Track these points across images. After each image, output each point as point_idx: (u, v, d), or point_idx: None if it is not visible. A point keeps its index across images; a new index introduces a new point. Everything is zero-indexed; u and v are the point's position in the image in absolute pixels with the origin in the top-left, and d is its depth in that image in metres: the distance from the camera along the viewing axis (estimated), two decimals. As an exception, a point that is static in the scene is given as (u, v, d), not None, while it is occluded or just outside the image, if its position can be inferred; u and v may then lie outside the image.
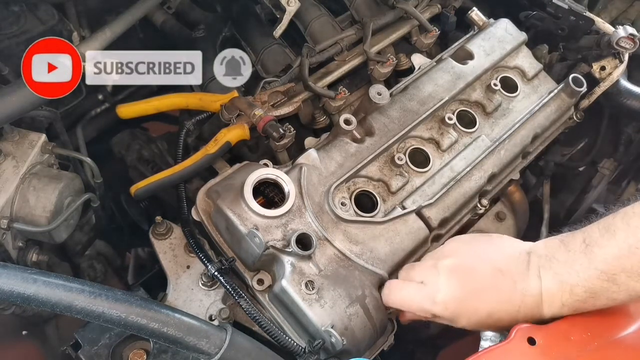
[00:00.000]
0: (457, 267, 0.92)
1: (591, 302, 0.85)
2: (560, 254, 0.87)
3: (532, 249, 0.91)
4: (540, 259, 0.89)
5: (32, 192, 1.05)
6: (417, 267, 0.98)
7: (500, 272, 0.89)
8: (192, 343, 0.81)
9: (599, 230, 0.85)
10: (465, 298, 0.90)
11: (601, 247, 0.83)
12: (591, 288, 0.83)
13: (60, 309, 0.77)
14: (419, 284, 0.94)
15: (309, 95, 1.20)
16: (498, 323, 0.89)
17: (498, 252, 0.93)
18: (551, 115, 1.28)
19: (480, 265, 0.91)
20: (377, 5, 1.35)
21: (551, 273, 0.87)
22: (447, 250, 0.97)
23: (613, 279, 0.82)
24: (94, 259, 1.36)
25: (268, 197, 1.03)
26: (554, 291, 0.86)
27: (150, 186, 1.08)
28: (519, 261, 0.90)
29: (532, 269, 0.89)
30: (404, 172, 1.12)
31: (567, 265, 0.85)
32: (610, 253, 0.82)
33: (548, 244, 0.91)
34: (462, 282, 0.90)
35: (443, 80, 1.23)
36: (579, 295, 0.84)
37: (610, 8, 1.63)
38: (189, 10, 1.47)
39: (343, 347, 0.92)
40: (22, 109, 1.01)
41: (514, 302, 0.88)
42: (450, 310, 0.90)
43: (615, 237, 0.82)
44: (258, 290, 1.00)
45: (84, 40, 1.21)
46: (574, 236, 0.88)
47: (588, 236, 0.85)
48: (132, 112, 1.18)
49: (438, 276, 0.92)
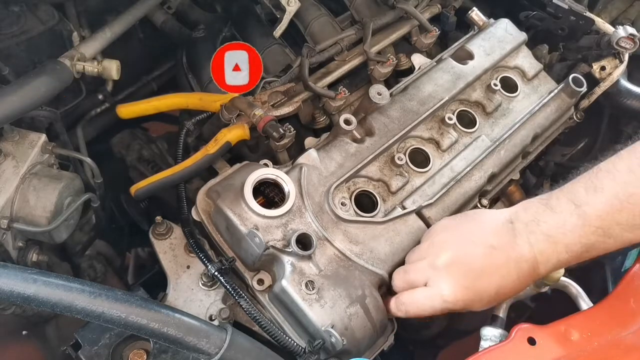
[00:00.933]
0: (454, 260, 0.93)
1: (586, 255, 0.91)
2: (547, 216, 0.91)
3: (513, 216, 0.94)
4: (526, 226, 0.92)
5: (32, 192, 1.05)
6: (413, 269, 0.98)
7: (492, 248, 0.92)
8: (192, 343, 0.81)
9: (586, 190, 0.89)
10: (471, 285, 0.91)
11: (592, 205, 0.88)
12: (587, 244, 0.89)
13: (60, 309, 0.78)
14: (423, 287, 0.94)
15: (309, 95, 1.20)
16: (506, 296, 0.95)
17: (484, 229, 0.95)
18: (551, 115, 1.28)
19: (473, 249, 0.93)
20: (377, 5, 1.35)
21: (542, 237, 0.90)
22: (437, 244, 0.97)
23: (608, 233, 0.87)
24: (94, 259, 1.36)
25: (268, 197, 1.03)
26: (549, 252, 0.90)
27: (150, 186, 1.08)
28: (504, 232, 0.93)
29: (519, 236, 0.91)
30: (404, 172, 1.12)
31: (558, 227, 0.89)
32: (603, 210, 0.87)
33: (529, 209, 0.94)
34: (463, 273, 0.92)
35: (443, 80, 1.23)
36: (575, 251, 0.89)
37: (610, 8, 1.63)
38: (189, 10, 1.47)
39: (343, 347, 0.92)
40: (22, 109, 1.01)
41: (511, 272, 0.91)
42: (462, 301, 0.92)
43: (604, 194, 0.87)
44: (258, 290, 1.00)
45: (84, 40, 1.22)
46: (557, 198, 0.92)
47: (574, 197, 0.90)
48: (132, 112, 1.18)
49: (440, 275, 0.93)
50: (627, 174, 0.87)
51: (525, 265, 0.91)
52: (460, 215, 1.04)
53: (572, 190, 0.91)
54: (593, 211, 0.87)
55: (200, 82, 1.26)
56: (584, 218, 0.88)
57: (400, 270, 1.01)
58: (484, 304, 0.94)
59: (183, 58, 1.32)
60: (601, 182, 0.89)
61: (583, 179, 0.91)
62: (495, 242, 0.92)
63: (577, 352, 0.86)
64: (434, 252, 0.96)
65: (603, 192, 0.88)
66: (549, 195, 0.94)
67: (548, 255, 0.90)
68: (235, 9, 1.39)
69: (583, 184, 0.91)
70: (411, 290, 0.97)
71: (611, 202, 0.87)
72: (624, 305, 0.92)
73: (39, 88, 1.03)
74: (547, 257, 0.90)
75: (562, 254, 0.90)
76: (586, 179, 0.91)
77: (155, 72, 1.56)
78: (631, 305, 0.91)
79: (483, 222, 0.97)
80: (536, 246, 0.90)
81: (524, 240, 0.91)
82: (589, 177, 0.91)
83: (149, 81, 1.54)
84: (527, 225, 0.92)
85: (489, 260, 0.91)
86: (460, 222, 1.00)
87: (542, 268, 0.92)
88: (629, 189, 0.86)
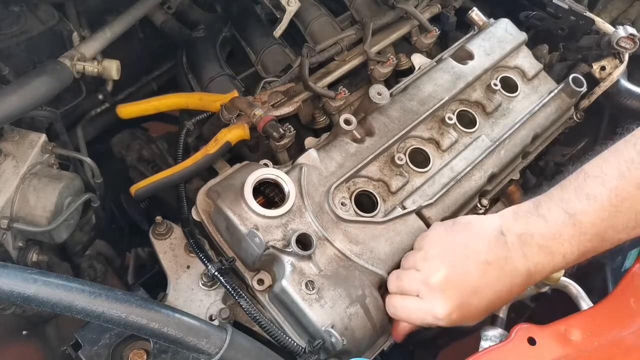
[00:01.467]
0: (448, 279, 0.91)
1: (581, 260, 0.90)
2: (540, 227, 0.90)
3: (504, 227, 0.92)
4: (519, 237, 0.90)
5: (32, 192, 1.05)
6: (407, 279, 0.96)
7: (487, 264, 0.90)
8: (192, 343, 0.81)
9: (577, 197, 0.88)
10: (465, 303, 0.90)
11: (587, 213, 0.87)
12: (583, 250, 0.89)
13: (60, 309, 0.78)
14: (415, 298, 0.93)
15: (309, 95, 1.20)
16: (498, 308, 0.96)
17: (477, 243, 0.93)
18: (551, 115, 1.28)
19: (467, 266, 0.91)
20: (377, 5, 1.35)
21: (536, 248, 0.89)
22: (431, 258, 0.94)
23: (603, 237, 0.88)
24: (94, 259, 1.36)
25: (268, 197, 1.03)
26: (544, 262, 0.90)
27: (150, 186, 1.08)
28: (497, 246, 0.91)
29: (512, 249, 0.90)
30: (404, 172, 1.12)
31: (553, 237, 0.88)
32: (598, 217, 0.87)
33: (519, 219, 0.92)
34: (457, 292, 0.90)
35: (443, 80, 1.23)
36: (572, 259, 0.89)
37: (610, 8, 1.63)
38: (189, 10, 1.47)
39: (343, 347, 0.92)
40: (22, 109, 1.01)
41: (505, 286, 0.91)
42: (454, 318, 0.90)
43: (597, 202, 0.87)
44: (258, 290, 1.00)
45: (84, 40, 1.22)
46: (548, 207, 0.91)
47: (567, 205, 0.89)
48: (132, 112, 1.18)
49: (433, 294, 0.91)
50: (618, 179, 0.86)
51: (519, 278, 0.90)
52: (452, 224, 0.99)
53: (563, 198, 0.90)
54: (588, 219, 0.87)
55: (200, 82, 1.26)
56: (579, 227, 0.87)
57: (394, 274, 0.99)
58: (475, 320, 0.93)
59: (183, 58, 1.32)
60: (592, 189, 0.88)
61: (572, 186, 0.90)
62: (490, 258, 0.90)
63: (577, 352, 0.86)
64: (427, 267, 0.93)
65: (596, 200, 0.87)
66: (537, 203, 0.92)
67: (543, 265, 0.90)
68: (235, 9, 1.39)
69: (573, 191, 0.89)
70: (404, 296, 0.96)
71: (605, 209, 0.86)
72: (624, 305, 0.92)
73: (39, 88, 1.03)
74: (542, 267, 0.90)
75: (559, 263, 0.89)
76: (575, 186, 0.90)
77: (155, 72, 1.56)
78: (631, 305, 0.91)
79: (475, 234, 0.94)
80: (531, 258, 0.89)
81: (518, 254, 0.90)
82: (577, 183, 0.90)
83: (149, 81, 1.54)
84: (520, 237, 0.90)
85: (484, 277, 0.90)
86: (452, 233, 0.97)
87: (537, 277, 0.91)
88: (621, 194, 0.86)
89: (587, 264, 1.00)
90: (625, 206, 0.86)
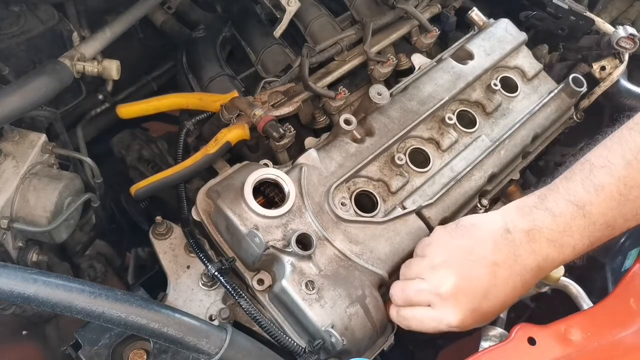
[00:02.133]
0: (459, 287, 0.89)
1: (590, 249, 0.90)
2: (548, 221, 0.89)
3: (509, 224, 0.91)
4: (527, 234, 0.89)
5: (32, 192, 1.05)
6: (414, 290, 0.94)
7: (495, 265, 0.89)
8: (192, 343, 0.81)
9: (585, 189, 0.88)
10: (477, 308, 0.89)
11: (595, 204, 0.87)
12: (592, 240, 0.89)
13: (60, 309, 0.77)
14: (427, 308, 0.92)
15: (309, 95, 1.20)
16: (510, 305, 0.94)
17: (482, 245, 0.91)
18: (551, 116, 1.28)
19: (476, 270, 0.89)
20: (377, 5, 1.35)
21: (546, 243, 0.88)
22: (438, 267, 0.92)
23: (612, 226, 0.88)
24: (94, 259, 1.36)
25: (268, 197, 1.03)
26: (554, 255, 0.89)
27: (150, 186, 1.08)
28: (504, 245, 0.90)
29: (520, 246, 0.89)
30: (404, 172, 1.12)
31: (563, 231, 0.88)
32: (607, 207, 0.87)
33: (525, 215, 0.91)
34: (469, 298, 0.89)
35: (443, 80, 1.23)
36: (581, 249, 0.89)
37: (610, 8, 1.63)
38: (189, 10, 1.47)
39: (343, 347, 0.92)
40: (22, 109, 1.01)
41: (516, 285, 0.90)
42: (469, 324, 0.90)
43: (605, 192, 0.87)
44: (258, 290, 1.00)
45: (84, 40, 1.22)
46: (554, 200, 0.90)
47: (574, 197, 0.88)
48: (132, 112, 1.18)
49: (446, 305, 0.89)
50: (625, 168, 0.87)
51: (529, 274, 0.89)
52: (455, 227, 0.96)
53: (569, 189, 0.89)
54: (597, 210, 0.87)
55: (200, 82, 1.26)
56: (589, 218, 0.87)
57: (398, 285, 0.97)
58: (489, 321, 0.93)
59: (183, 58, 1.32)
60: (599, 179, 0.87)
61: (577, 177, 0.89)
62: (497, 258, 0.89)
63: (577, 352, 0.86)
64: (435, 277, 0.91)
65: (604, 190, 0.87)
66: (542, 196, 0.91)
67: (553, 258, 0.89)
68: (235, 9, 1.39)
69: (580, 182, 0.89)
70: (414, 307, 0.94)
71: (614, 198, 0.87)
72: (624, 305, 0.92)
73: (39, 88, 1.03)
74: (552, 260, 0.89)
75: (569, 254, 0.89)
76: (582, 177, 0.89)
77: (155, 72, 1.56)
78: (631, 305, 0.91)
79: (480, 236, 0.92)
80: (540, 253, 0.88)
81: (526, 250, 0.89)
82: (583, 174, 0.89)
83: (149, 81, 1.54)
84: (528, 234, 0.89)
85: (494, 279, 0.89)
86: (456, 237, 0.94)
87: (547, 270, 0.91)
88: (629, 183, 0.86)
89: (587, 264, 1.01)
90: (634, 194, 0.86)
